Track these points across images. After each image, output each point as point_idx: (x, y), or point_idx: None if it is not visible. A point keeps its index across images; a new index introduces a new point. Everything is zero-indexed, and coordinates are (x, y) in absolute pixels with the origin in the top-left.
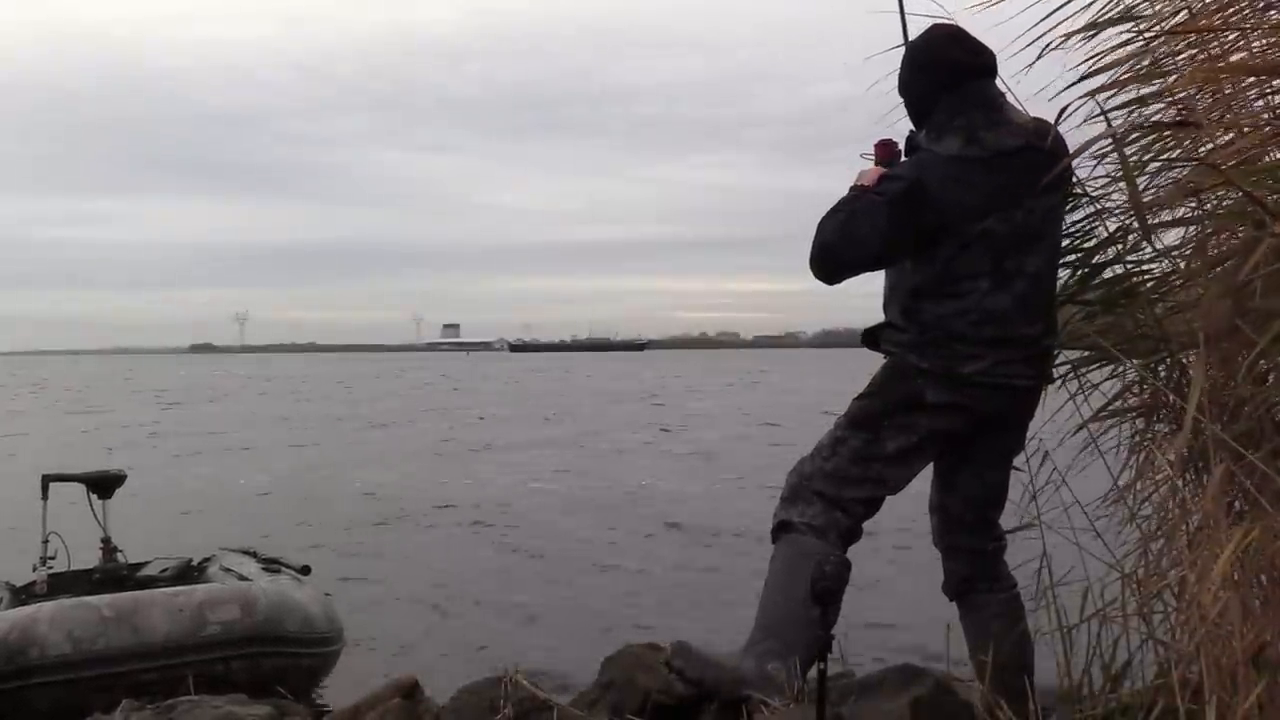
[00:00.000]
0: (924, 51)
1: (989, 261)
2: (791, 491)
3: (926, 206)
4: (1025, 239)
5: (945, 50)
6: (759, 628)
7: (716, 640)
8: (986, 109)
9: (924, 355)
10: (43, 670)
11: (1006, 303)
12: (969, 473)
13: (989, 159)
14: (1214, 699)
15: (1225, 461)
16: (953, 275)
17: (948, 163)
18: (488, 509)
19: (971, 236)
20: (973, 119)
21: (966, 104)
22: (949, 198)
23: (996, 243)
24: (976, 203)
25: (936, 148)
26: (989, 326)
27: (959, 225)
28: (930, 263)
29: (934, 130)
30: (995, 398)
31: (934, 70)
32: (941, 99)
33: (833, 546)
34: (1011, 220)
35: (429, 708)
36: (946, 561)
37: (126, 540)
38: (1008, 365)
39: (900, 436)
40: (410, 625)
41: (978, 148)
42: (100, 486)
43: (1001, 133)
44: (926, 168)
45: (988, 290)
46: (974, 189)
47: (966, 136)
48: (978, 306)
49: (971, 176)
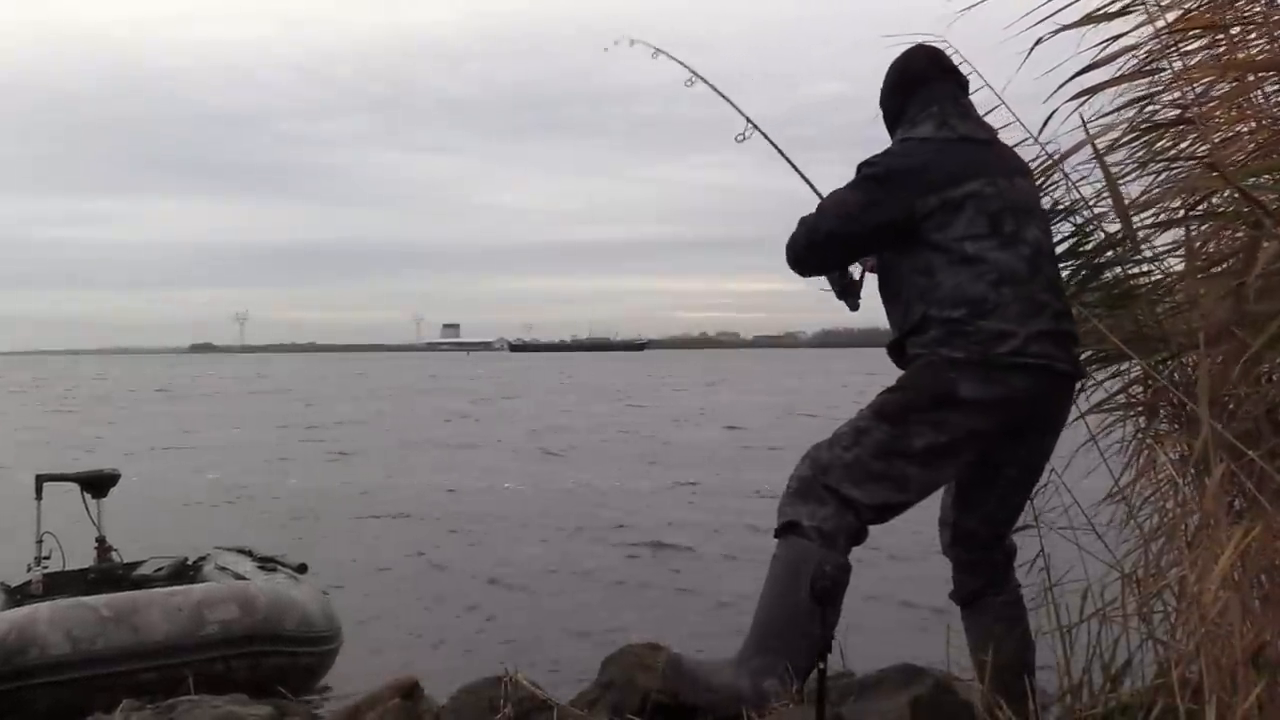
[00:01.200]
0: (900, 60)
1: (985, 222)
2: (802, 486)
3: (910, 178)
4: (1016, 208)
5: (918, 58)
6: (754, 640)
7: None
8: (955, 103)
9: (955, 345)
10: (42, 670)
11: (1018, 263)
12: (993, 494)
13: (959, 139)
14: (1214, 699)
15: (1226, 460)
16: (955, 238)
17: (923, 142)
18: (462, 509)
19: (958, 198)
20: (944, 108)
21: (937, 97)
22: (930, 165)
23: (986, 204)
24: (954, 169)
25: (911, 134)
26: (1007, 287)
27: (942, 189)
28: (928, 236)
29: (907, 124)
30: (1033, 383)
31: (907, 75)
32: (911, 101)
33: (840, 553)
34: (997, 186)
35: (429, 708)
36: (957, 573)
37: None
38: (1039, 342)
39: (929, 434)
40: (410, 625)
41: (949, 130)
42: (94, 486)
43: (971, 124)
44: (904, 153)
45: (995, 248)
46: (950, 158)
47: (939, 122)
48: (991, 263)
49: (946, 150)
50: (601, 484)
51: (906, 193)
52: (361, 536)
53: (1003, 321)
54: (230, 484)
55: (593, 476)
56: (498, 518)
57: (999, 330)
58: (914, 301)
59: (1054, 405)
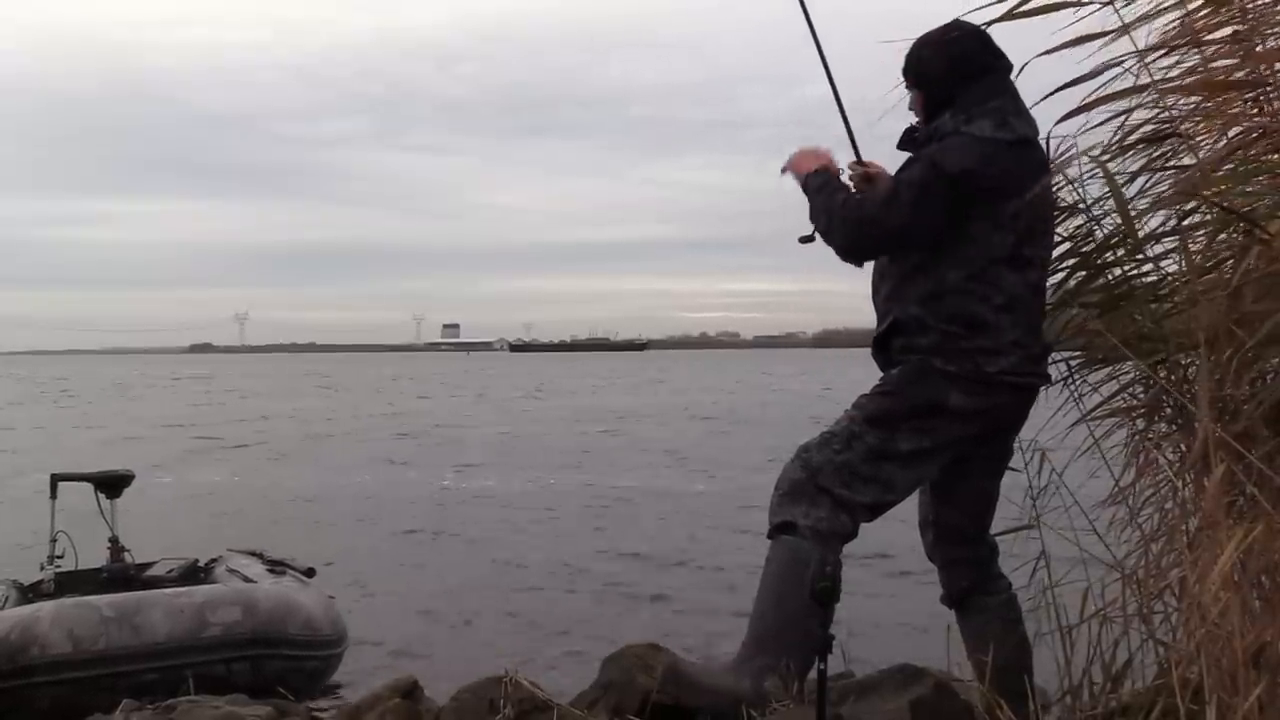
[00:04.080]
0: (952, 43)
1: (1010, 246)
2: (795, 487)
3: (979, 186)
4: (1039, 226)
5: (972, 42)
6: (752, 641)
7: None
8: (1014, 98)
9: (949, 358)
10: (43, 669)
11: (1023, 289)
12: (969, 484)
13: (1014, 142)
14: (1214, 699)
15: (1226, 461)
16: (983, 259)
17: (983, 141)
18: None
19: (1005, 218)
20: (1004, 104)
21: (997, 90)
22: (999, 176)
23: (1019, 226)
24: (1010, 183)
25: (969, 129)
26: (1009, 314)
27: (993, 202)
28: (963, 246)
29: (963, 112)
30: (1015, 397)
31: (965, 63)
32: (969, 87)
33: (833, 552)
34: (1034, 205)
35: (429, 708)
36: (945, 575)
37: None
38: (1027, 363)
39: (916, 439)
40: (410, 625)
41: (1008, 131)
42: (108, 486)
43: (1024, 123)
44: (982, 157)
45: (1009, 270)
46: (1008, 169)
47: (998, 120)
48: (1002, 291)
49: (1003, 158)
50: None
51: (970, 194)
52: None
53: (996, 344)
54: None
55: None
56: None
57: (992, 350)
58: (912, 301)
59: (1025, 410)
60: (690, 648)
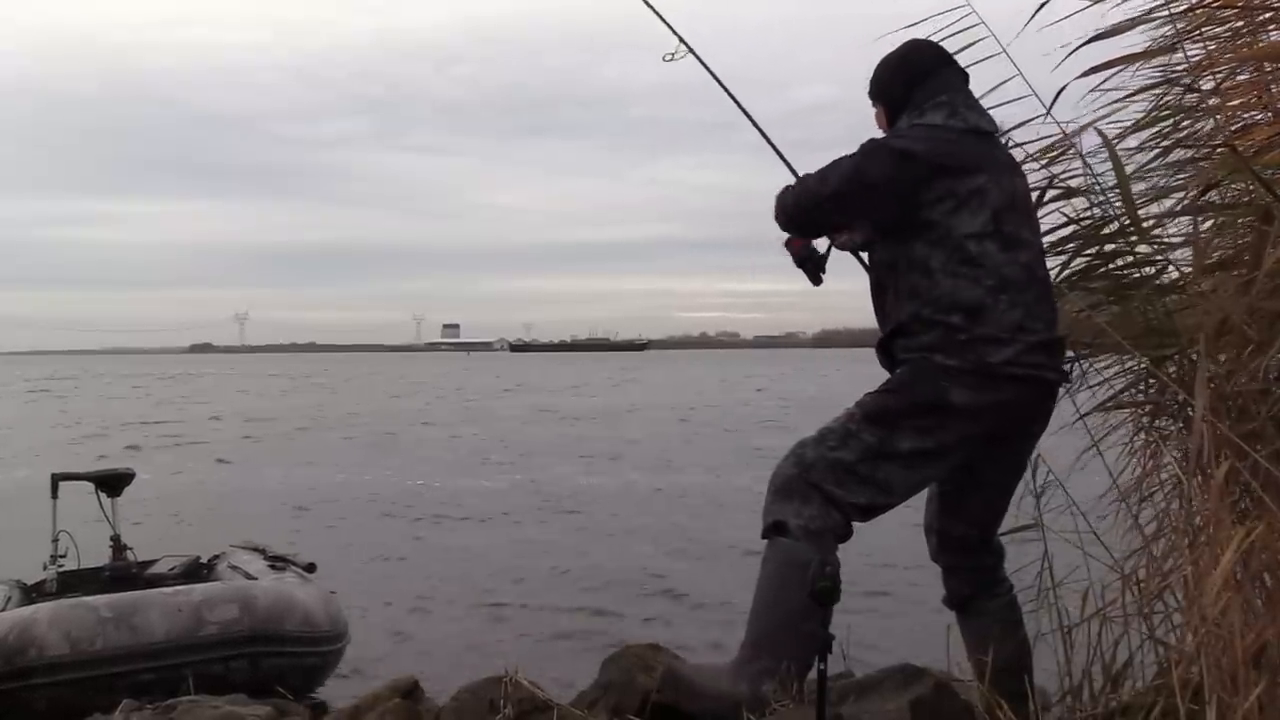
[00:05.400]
0: (904, 50)
1: (990, 220)
2: (786, 484)
3: (924, 161)
4: (1018, 208)
5: (923, 49)
6: (750, 643)
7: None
8: (964, 94)
9: (949, 353)
10: (40, 671)
11: (1016, 269)
12: (977, 498)
13: (966, 130)
14: (1215, 699)
15: (1230, 459)
16: (958, 235)
17: (934, 128)
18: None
19: (965, 192)
20: (954, 98)
21: (947, 86)
22: (945, 152)
23: (990, 200)
24: (966, 160)
25: (921, 120)
26: (1004, 294)
27: (954, 177)
28: (935, 229)
29: (913, 111)
30: (1023, 392)
31: (916, 67)
32: (921, 86)
33: (827, 550)
34: (1001, 184)
35: (429, 708)
36: (948, 579)
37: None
38: (1032, 353)
39: (916, 438)
40: (410, 626)
41: (960, 120)
42: (109, 485)
43: (977, 116)
44: (918, 137)
45: (996, 250)
46: (962, 149)
47: (949, 111)
48: (991, 267)
49: (959, 141)
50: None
51: (918, 174)
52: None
53: (998, 330)
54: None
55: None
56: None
57: (994, 338)
58: (906, 299)
59: (1039, 411)
60: (691, 648)
